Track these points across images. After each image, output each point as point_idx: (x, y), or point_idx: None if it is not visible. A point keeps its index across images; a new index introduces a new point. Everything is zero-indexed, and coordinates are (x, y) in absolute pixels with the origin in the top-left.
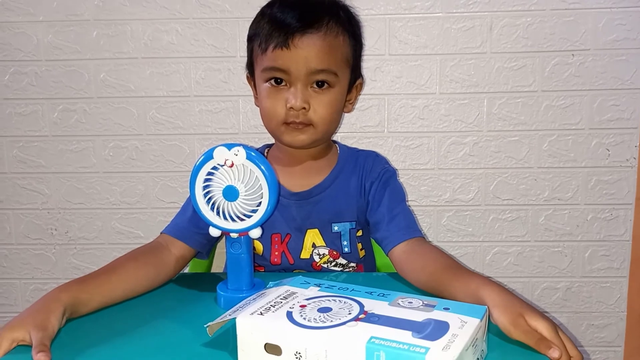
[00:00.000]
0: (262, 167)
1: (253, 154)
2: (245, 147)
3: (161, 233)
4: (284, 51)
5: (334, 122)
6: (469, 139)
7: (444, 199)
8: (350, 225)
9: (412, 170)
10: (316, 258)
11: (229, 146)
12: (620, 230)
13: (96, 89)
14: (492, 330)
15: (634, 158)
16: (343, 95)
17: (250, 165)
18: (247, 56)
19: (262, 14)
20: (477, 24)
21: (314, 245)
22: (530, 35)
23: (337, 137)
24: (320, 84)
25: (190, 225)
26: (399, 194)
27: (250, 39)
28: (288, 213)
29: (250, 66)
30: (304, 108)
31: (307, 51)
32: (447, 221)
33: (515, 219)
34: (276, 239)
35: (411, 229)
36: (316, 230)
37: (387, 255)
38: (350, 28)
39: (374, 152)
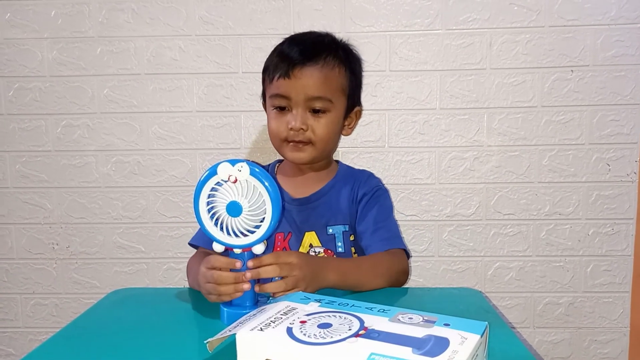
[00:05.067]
0: (266, 183)
1: (257, 170)
2: (249, 163)
3: (197, 247)
4: (286, 80)
5: (331, 142)
6: (470, 153)
7: (445, 213)
8: (343, 228)
9: (413, 185)
10: (313, 255)
11: (233, 162)
12: (622, 245)
13: (99, 104)
14: (493, 346)
15: (635, 173)
16: (339, 119)
17: (254, 181)
18: (262, 86)
19: (274, 50)
20: (477, 41)
21: (310, 246)
22: (529, 51)
23: (338, 152)
24: (316, 111)
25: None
26: (387, 210)
27: (264, 71)
28: (289, 216)
29: (264, 94)
30: (302, 129)
31: (305, 80)
32: (448, 236)
33: (517, 234)
34: (279, 237)
35: (391, 240)
36: (313, 232)
37: None
38: (347, 63)
39: (369, 171)
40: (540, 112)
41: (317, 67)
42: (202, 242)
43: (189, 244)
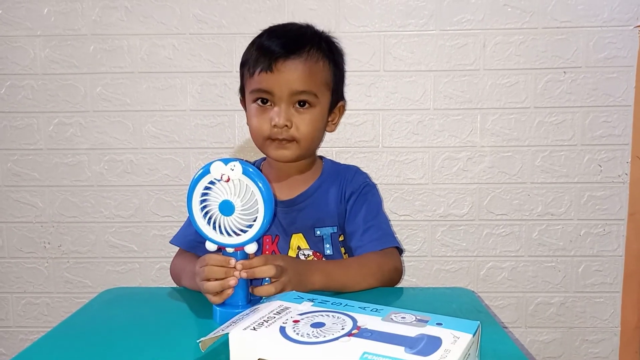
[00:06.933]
0: (259, 182)
1: (250, 169)
2: (241, 162)
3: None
4: (268, 74)
5: (316, 139)
6: (463, 154)
7: (438, 213)
8: (331, 230)
9: (406, 185)
10: (302, 258)
11: (226, 161)
12: (613, 246)
13: (92, 102)
14: (485, 346)
15: (626, 174)
16: (324, 115)
17: (247, 181)
18: (240, 81)
19: (253, 43)
20: (471, 42)
21: (299, 248)
22: (522, 52)
23: (332, 152)
24: (301, 103)
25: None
26: (376, 206)
27: (242, 65)
28: (275, 219)
29: (242, 90)
30: (287, 125)
31: (289, 74)
32: (441, 236)
33: (509, 234)
34: (267, 240)
35: (383, 239)
36: (300, 234)
37: None
38: (330, 56)
39: (355, 166)
40: (533, 113)
41: (300, 59)
42: (182, 243)
43: (171, 242)
